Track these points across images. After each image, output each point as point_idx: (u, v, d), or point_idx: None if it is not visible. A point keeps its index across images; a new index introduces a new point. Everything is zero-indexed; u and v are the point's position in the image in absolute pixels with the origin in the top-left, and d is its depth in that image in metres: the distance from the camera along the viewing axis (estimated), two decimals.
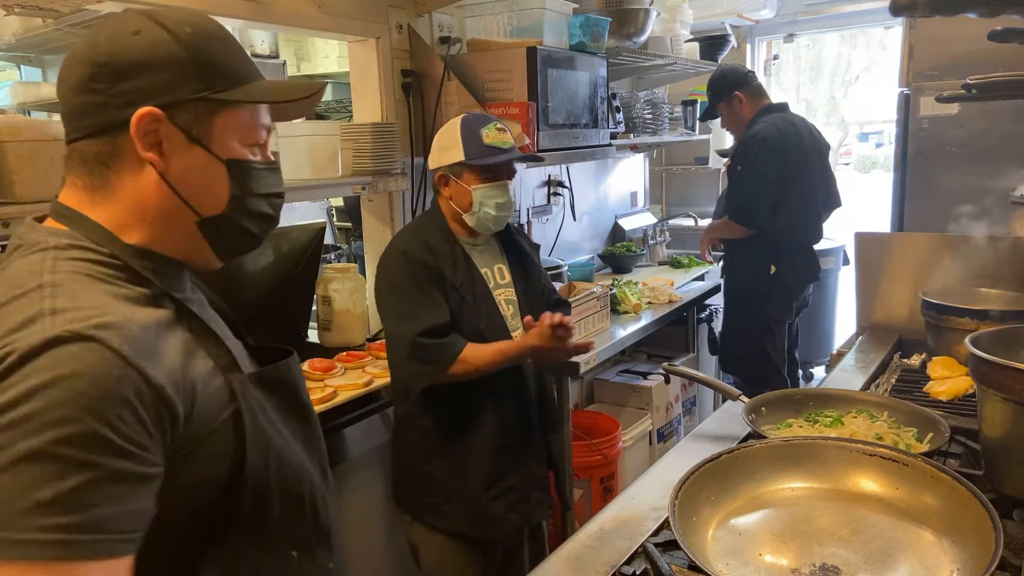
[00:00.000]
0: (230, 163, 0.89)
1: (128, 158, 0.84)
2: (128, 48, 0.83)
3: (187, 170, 0.86)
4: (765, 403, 1.71)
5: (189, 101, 0.84)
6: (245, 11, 2.22)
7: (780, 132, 3.22)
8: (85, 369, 0.71)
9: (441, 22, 2.91)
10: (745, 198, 3.23)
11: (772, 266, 3.28)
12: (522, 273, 2.11)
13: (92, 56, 0.83)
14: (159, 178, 0.85)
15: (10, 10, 1.76)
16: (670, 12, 3.80)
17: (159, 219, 0.87)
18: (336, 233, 4.01)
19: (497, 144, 1.92)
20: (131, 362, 0.74)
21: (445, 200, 1.99)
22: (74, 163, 0.86)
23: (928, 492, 1.21)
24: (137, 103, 0.82)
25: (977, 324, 1.93)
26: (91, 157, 0.85)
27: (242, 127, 0.89)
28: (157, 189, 0.86)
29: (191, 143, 0.86)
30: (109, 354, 0.73)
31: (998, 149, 2.38)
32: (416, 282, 1.88)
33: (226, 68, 0.87)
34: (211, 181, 0.88)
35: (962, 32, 2.26)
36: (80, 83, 0.83)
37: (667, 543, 1.26)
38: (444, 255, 1.93)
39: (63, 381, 0.69)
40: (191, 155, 0.86)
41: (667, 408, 3.54)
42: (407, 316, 1.86)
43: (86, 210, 0.86)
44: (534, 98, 2.68)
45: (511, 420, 1.99)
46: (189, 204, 0.87)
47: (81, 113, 0.84)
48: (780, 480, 1.33)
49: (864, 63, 12.47)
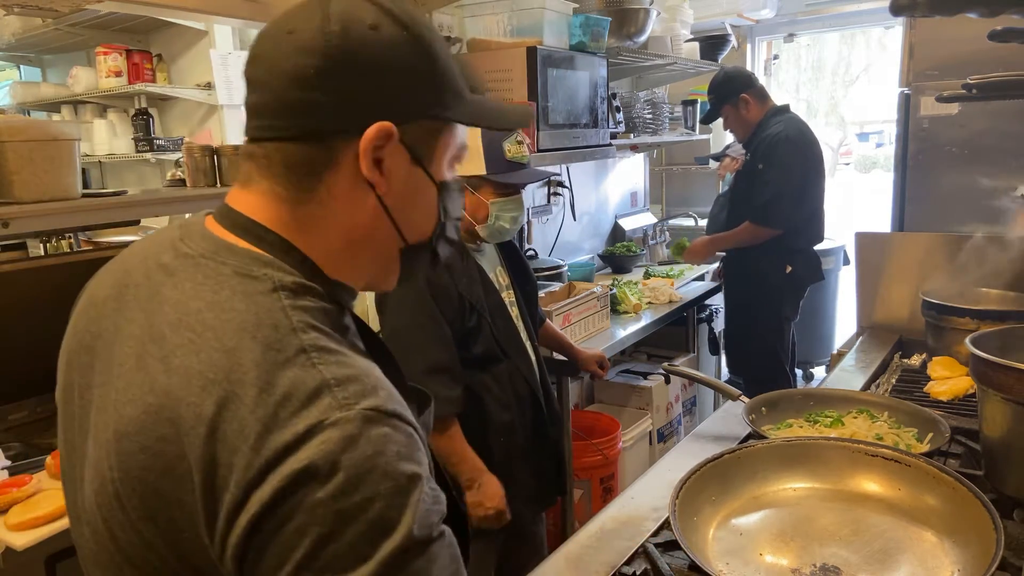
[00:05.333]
0: (441, 186, 0.78)
1: (344, 171, 0.72)
2: (367, 45, 0.70)
3: (404, 193, 0.75)
4: (765, 403, 1.71)
5: (422, 117, 0.74)
6: (245, 11, 2.22)
7: (800, 132, 3.26)
8: (404, 453, 0.62)
9: (441, 22, 2.91)
10: (769, 198, 3.22)
11: (788, 266, 3.29)
12: (517, 274, 2.12)
13: (322, 45, 0.69)
14: (375, 199, 0.73)
15: (10, 10, 1.76)
16: (670, 12, 3.80)
17: (364, 243, 0.76)
18: None
19: (518, 159, 1.90)
20: (420, 435, 0.66)
21: None
22: (271, 165, 0.72)
23: (929, 493, 1.21)
24: (371, 112, 0.70)
25: (977, 324, 1.93)
26: (299, 162, 0.71)
27: (455, 147, 0.79)
28: (371, 211, 0.74)
29: (413, 164, 0.75)
30: (410, 430, 0.64)
31: (998, 149, 2.37)
32: (428, 310, 1.82)
33: (454, 81, 0.76)
34: (425, 206, 0.78)
35: (962, 32, 2.25)
36: (302, 74, 0.69)
37: (667, 543, 1.26)
38: (460, 272, 1.88)
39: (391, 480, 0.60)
40: (411, 177, 0.75)
41: (667, 408, 3.54)
42: (415, 345, 1.81)
43: (288, 233, 0.72)
44: (534, 98, 2.68)
45: (519, 414, 1.98)
46: (400, 230, 0.76)
47: (295, 109, 0.70)
48: (781, 480, 1.33)
49: (864, 63, 12.48)
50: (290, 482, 0.58)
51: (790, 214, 3.22)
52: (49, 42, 3.91)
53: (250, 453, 0.59)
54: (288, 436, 0.59)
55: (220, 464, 0.60)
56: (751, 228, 3.29)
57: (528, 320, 2.09)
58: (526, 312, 2.08)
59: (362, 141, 0.70)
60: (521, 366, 1.97)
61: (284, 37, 0.71)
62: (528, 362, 2.02)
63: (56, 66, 4.32)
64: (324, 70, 0.69)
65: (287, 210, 0.73)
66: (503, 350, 1.93)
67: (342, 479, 0.58)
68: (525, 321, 2.07)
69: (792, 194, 3.20)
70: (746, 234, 3.32)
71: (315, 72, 0.69)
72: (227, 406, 0.61)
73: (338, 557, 0.58)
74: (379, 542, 0.59)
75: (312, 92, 0.69)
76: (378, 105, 0.71)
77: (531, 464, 2.03)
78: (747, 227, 3.31)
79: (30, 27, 3.56)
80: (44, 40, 3.84)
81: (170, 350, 0.66)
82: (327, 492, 0.58)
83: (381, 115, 0.70)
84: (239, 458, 0.60)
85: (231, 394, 0.61)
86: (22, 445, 1.89)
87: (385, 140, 0.71)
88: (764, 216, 3.25)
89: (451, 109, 0.76)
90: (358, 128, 0.70)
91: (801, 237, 3.31)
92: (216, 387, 0.62)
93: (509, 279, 2.08)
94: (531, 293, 2.17)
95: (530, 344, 2.05)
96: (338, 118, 0.70)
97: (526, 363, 2.00)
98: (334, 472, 0.58)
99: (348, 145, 0.71)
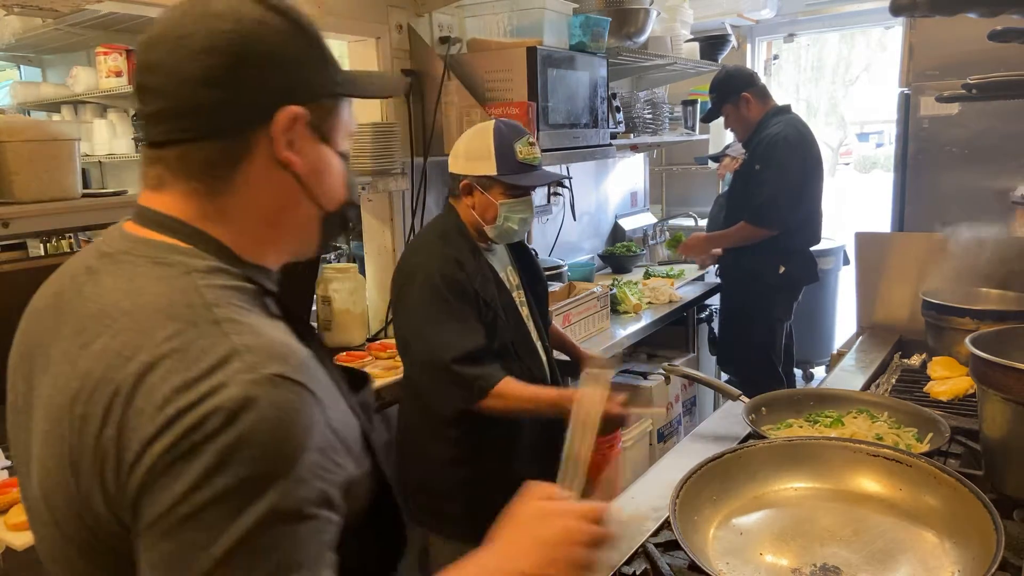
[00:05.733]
0: (342, 156, 0.85)
1: (258, 159, 0.77)
2: (261, 38, 0.75)
3: (316, 168, 0.81)
4: (765, 403, 1.71)
5: (322, 97, 0.80)
6: None
7: (799, 133, 3.26)
8: (297, 420, 0.65)
9: (441, 22, 2.91)
10: (766, 198, 3.21)
11: (781, 266, 3.29)
12: (527, 274, 2.11)
13: (220, 44, 0.73)
14: (292, 179, 0.79)
15: (10, 10, 1.76)
16: (670, 12, 3.80)
17: (285, 221, 0.82)
18: None
19: (529, 160, 1.88)
20: (322, 404, 0.69)
21: (466, 208, 1.93)
22: (181, 166, 0.76)
23: (930, 493, 1.21)
24: (276, 100, 0.76)
25: (977, 324, 1.93)
26: (210, 159, 0.75)
27: (348, 120, 0.86)
28: (289, 190, 0.80)
29: (320, 141, 0.81)
30: (312, 399, 0.67)
31: (998, 149, 2.38)
32: (449, 305, 1.81)
33: (334, 60, 0.83)
34: (335, 175, 0.84)
35: (962, 32, 2.26)
36: (205, 75, 0.72)
37: (667, 543, 1.26)
38: (473, 270, 1.87)
39: (281, 435, 0.64)
40: (320, 153, 0.81)
41: (667, 408, 3.54)
42: (441, 341, 1.79)
43: (201, 223, 0.77)
44: (534, 98, 2.68)
45: (537, 427, 1.97)
46: (318, 201, 0.83)
47: (203, 110, 0.74)
48: (782, 480, 1.33)
49: (864, 63, 12.48)
50: (185, 433, 0.62)
51: (786, 215, 3.21)
52: (49, 42, 3.90)
53: (155, 413, 0.63)
54: (193, 396, 0.63)
55: (128, 429, 0.64)
56: (747, 228, 3.30)
57: (539, 320, 2.08)
58: (536, 313, 2.08)
59: (273, 127, 0.76)
60: (532, 366, 1.96)
61: (177, 43, 0.73)
62: (539, 362, 2.01)
63: (56, 66, 4.32)
64: (227, 67, 0.73)
65: (204, 203, 0.76)
66: (515, 350, 1.92)
67: (234, 435, 0.62)
68: (536, 321, 2.06)
69: (789, 195, 3.20)
70: (742, 233, 3.32)
71: (219, 71, 0.73)
72: (142, 378, 0.65)
73: (211, 502, 0.61)
74: (253, 501, 0.62)
75: (218, 90, 0.73)
76: (281, 92, 0.76)
77: (540, 464, 2.01)
78: (743, 226, 3.31)
79: (30, 27, 3.56)
80: (44, 40, 3.84)
81: (90, 338, 0.70)
82: (219, 442, 0.62)
83: (285, 101, 0.76)
84: (145, 419, 0.64)
85: (146, 366, 0.65)
86: None
87: (294, 123, 0.77)
88: (760, 217, 3.25)
89: (341, 86, 0.82)
90: (266, 117, 0.75)
91: (797, 238, 3.31)
92: (132, 363, 0.66)
93: (519, 279, 2.07)
94: (541, 294, 2.16)
95: (541, 344, 2.04)
96: (246, 111, 0.75)
97: (537, 363, 1.99)
98: (230, 424, 0.62)
99: (259, 134, 0.76)
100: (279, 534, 0.63)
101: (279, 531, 0.63)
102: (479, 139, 1.89)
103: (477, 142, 1.89)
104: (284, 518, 0.63)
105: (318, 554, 0.66)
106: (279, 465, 0.63)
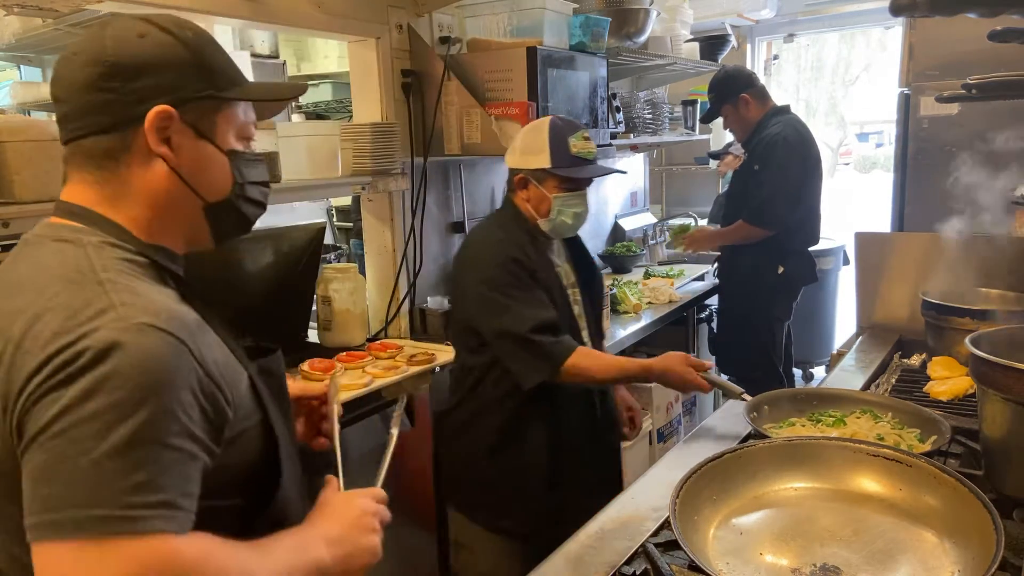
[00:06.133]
0: (230, 154, 0.96)
1: (137, 152, 0.90)
2: (137, 50, 0.88)
3: (195, 161, 0.93)
4: (767, 402, 1.71)
5: (196, 99, 0.91)
6: (245, 11, 2.22)
7: (799, 134, 3.26)
8: (162, 360, 0.76)
9: (441, 22, 2.91)
10: (764, 199, 3.21)
11: (780, 266, 3.30)
12: (584, 273, 2.11)
13: (101, 57, 0.87)
14: (169, 170, 0.91)
15: (10, 10, 1.76)
16: (670, 12, 3.80)
17: (168, 207, 0.93)
18: (336, 233, 4.00)
19: (583, 154, 1.90)
20: (195, 354, 0.80)
21: (522, 202, 1.96)
22: (79, 160, 0.90)
23: (930, 493, 1.21)
24: (149, 101, 0.88)
25: (977, 324, 1.93)
26: (100, 152, 0.89)
27: (238, 123, 0.98)
28: (167, 179, 0.92)
29: (198, 138, 0.93)
30: (180, 347, 0.79)
31: (998, 149, 2.37)
32: (519, 280, 1.85)
33: (223, 69, 0.95)
34: (216, 170, 0.96)
35: (962, 32, 2.26)
36: (89, 82, 0.87)
37: (667, 543, 1.26)
38: (533, 256, 1.91)
39: (146, 371, 0.75)
40: (198, 148, 0.93)
41: (667, 408, 3.54)
42: (516, 313, 1.82)
43: (99, 208, 0.90)
44: (534, 98, 2.67)
45: (577, 422, 1.98)
46: (197, 192, 0.94)
47: (89, 110, 0.88)
48: (782, 480, 1.33)
49: (864, 63, 12.48)
50: (61, 365, 0.74)
51: (785, 215, 3.22)
52: (49, 42, 3.90)
53: (38, 351, 0.75)
54: (70, 338, 0.75)
55: (15, 368, 0.77)
56: (745, 227, 3.30)
57: (591, 322, 2.08)
58: (591, 314, 2.08)
59: (149, 121, 0.88)
60: None
61: (72, 58, 0.89)
62: None
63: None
64: (104, 74, 0.87)
65: (98, 190, 0.91)
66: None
67: (103, 370, 0.73)
68: (588, 321, 2.06)
69: (787, 196, 3.20)
70: (740, 232, 3.33)
71: (98, 77, 0.87)
72: (31, 326, 0.78)
73: (81, 421, 0.72)
74: (117, 424, 0.73)
75: (97, 94, 0.87)
76: (156, 95, 0.88)
77: (584, 468, 2.00)
78: (741, 225, 3.32)
79: (30, 27, 3.55)
80: (44, 40, 3.83)
81: (3, 302, 0.83)
82: (90, 375, 0.73)
83: (157, 100, 0.88)
84: (29, 357, 0.76)
85: (35, 318, 0.78)
86: None
87: (167, 120, 0.89)
88: (759, 217, 3.25)
89: (225, 91, 0.94)
90: (141, 115, 0.88)
91: (795, 238, 3.31)
92: (24, 317, 0.79)
93: (575, 279, 2.07)
94: (596, 296, 2.15)
95: (591, 345, 2.04)
96: (125, 110, 0.88)
97: None
98: (100, 360, 0.73)
99: (138, 131, 0.89)
100: (143, 456, 0.73)
101: (142, 453, 0.73)
102: (534, 133, 1.92)
103: (532, 136, 1.92)
104: (147, 442, 0.74)
105: (181, 483, 0.76)
106: (144, 395, 0.74)
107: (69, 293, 0.79)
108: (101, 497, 0.71)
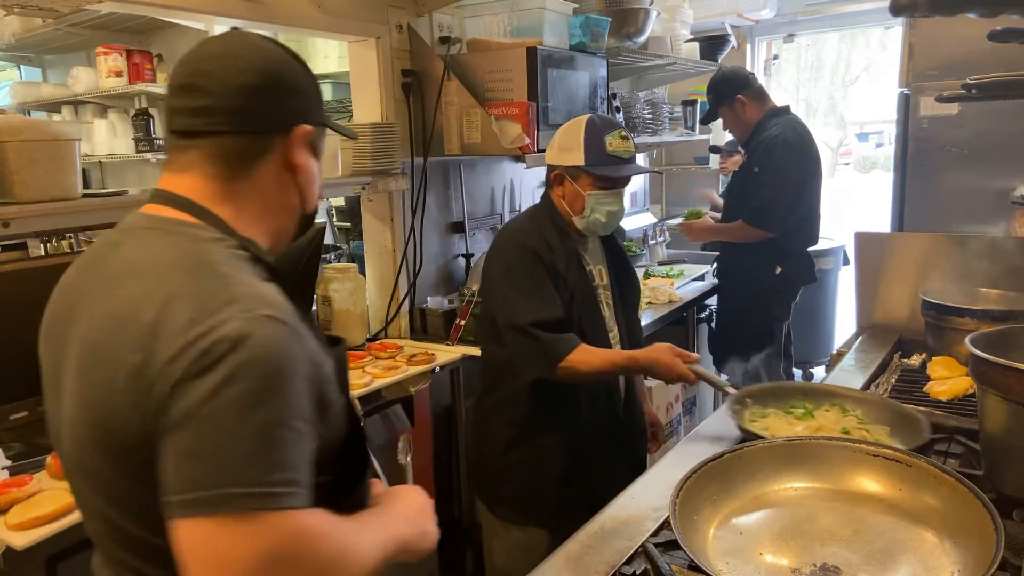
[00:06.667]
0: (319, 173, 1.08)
1: (272, 158, 0.98)
2: (292, 71, 1.00)
3: (307, 176, 1.04)
4: (751, 395, 1.75)
5: (318, 124, 1.03)
6: (245, 11, 2.22)
7: (798, 135, 3.25)
8: (284, 349, 0.82)
9: (441, 22, 2.91)
10: (764, 201, 3.21)
11: (778, 267, 3.30)
12: (619, 277, 2.11)
13: (260, 67, 0.96)
14: (293, 179, 1.02)
15: (10, 10, 1.76)
16: (670, 12, 3.80)
17: (278, 210, 1.03)
18: (336, 233, 4.01)
19: (619, 153, 1.89)
20: (304, 343, 0.86)
21: (558, 198, 1.97)
22: (203, 153, 0.95)
23: (930, 493, 1.21)
24: (294, 117, 0.99)
25: (977, 324, 1.93)
26: (235, 151, 0.96)
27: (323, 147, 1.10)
28: (289, 187, 1.02)
29: (312, 156, 1.04)
30: (296, 336, 0.85)
31: (998, 149, 2.37)
32: (531, 273, 1.86)
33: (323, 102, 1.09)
34: (316, 186, 1.07)
35: (962, 32, 2.26)
36: (249, 87, 0.95)
37: (667, 543, 1.26)
38: (558, 251, 1.91)
39: (274, 359, 0.80)
40: (311, 165, 1.04)
41: (667, 408, 3.54)
42: (522, 305, 1.84)
43: (205, 201, 0.95)
44: (534, 98, 2.68)
45: (599, 419, 1.97)
46: (304, 202, 1.05)
47: (241, 112, 0.95)
48: (782, 480, 1.33)
49: (864, 63, 12.48)
50: (200, 354, 0.79)
51: (784, 217, 3.21)
52: (49, 42, 3.91)
53: (174, 337, 0.80)
54: (204, 327, 0.80)
55: (152, 352, 0.80)
56: (745, 227, 3.31)
57: (622, 324, 2.07)
58: (622, 317, 2.07)
59: (295, 136, 0.99)
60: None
61: (228, 59, 0.96)
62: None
63: (56, 66, 4.32)
64: (266, 86, 0.96)
65: (215, 185, 0.96)
66: (586, 337, 1.90)
67: (239, 358, 0.78)
68: (618, 322, 2.05)
69: (787, 198, 3.19)
70: (740, 231, 3.33)
71: (259, 85, 0.96)
72: (164, 312, 0.82)
73: (223, 407, 0.77)
74: (254, 408, 0.78)
75: (254, 99, 0.95)
76: (298, 113, 1.00)
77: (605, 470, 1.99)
78: (741, 225, 3.32)
79: (30, 27, 3.56)
80: (44, 40, 3.84)
81: (118, 287, 0.87)
82: (227, 362, 0.78)
83: (301, 120, 1.00)
84: (164, 343, 0.80)
85: (166, 305, 0.82)
86: (22, 445, 1.88)
87: (306, 138, 1.01)
88: (758, 219, 3.25)
89: (328, 119, 1.08)
90: (286, 127, 0.98)
91: (795, 239, 3.31)
92: (154, 303, 0.83)
93: (609, 280, 2.07)
94: (629, 299, 2.14)
95: (620, 347, 2.03)
96: (272, 119, 0.98)
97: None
98: (234, 350, 0.79)
99: (277, 140, 0.98)
100: (276, 438, 0.79)
101: (276, 435, 0.79)
102: (572, 130, 1.92)
103: (569, 133, 1.93)
104: (278, 425, 0.80)
105: (302, 463, 0.83)
106: (274, 382, 0.80)
107: (195, 283, 0.84)
108: (246, 476, 0.77)
